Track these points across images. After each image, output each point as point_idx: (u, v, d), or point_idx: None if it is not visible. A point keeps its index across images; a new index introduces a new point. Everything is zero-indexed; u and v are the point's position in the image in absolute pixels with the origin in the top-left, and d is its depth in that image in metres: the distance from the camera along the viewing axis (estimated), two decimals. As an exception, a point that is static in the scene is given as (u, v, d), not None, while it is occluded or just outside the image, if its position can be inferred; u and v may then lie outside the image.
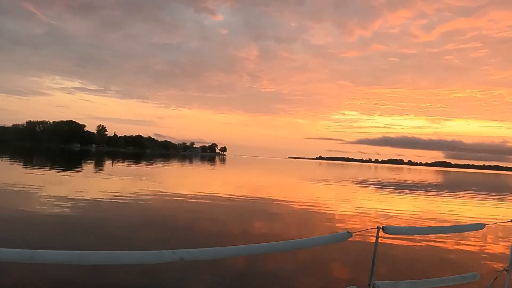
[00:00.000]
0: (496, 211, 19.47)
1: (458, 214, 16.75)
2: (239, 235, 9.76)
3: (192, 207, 14.06)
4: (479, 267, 7.77)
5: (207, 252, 1.97)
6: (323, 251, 7.89)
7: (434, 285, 2.97)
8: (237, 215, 12.76)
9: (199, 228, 10.32)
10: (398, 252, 8.56)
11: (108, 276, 5.81)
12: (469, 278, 3.14)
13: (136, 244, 8.19)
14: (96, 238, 8.53)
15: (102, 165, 42.83)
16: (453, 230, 5.30)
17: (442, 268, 7.57)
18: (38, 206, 11.91)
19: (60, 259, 1.66)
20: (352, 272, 7.00)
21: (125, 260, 1.79)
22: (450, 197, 25.74)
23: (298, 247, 2.29)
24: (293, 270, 6.80)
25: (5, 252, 1.59)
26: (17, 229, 8.86)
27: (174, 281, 5.96)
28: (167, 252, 1.81)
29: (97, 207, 12.60)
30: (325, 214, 14.16)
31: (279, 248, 2.36)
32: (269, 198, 18.30)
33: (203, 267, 6.35)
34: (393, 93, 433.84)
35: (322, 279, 6.47)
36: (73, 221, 10.12)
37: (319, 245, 2.53)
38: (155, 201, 14.85)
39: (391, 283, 2.79)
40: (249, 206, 15.14)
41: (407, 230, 4.38)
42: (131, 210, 12.54)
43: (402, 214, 15.48)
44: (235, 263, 6.80)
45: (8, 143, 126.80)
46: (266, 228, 10.98)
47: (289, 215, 13.61)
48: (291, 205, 16.17)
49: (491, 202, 24.23)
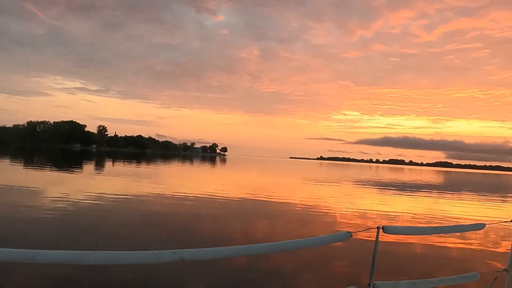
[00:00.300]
0: (496, 211, 19.46)
1: (458, 214, 16.74)
2: (238, 234, 9.75)
3: (190, 206, 14.07)
4: (479, 267, 7.77)
5: (207, 252, 1.97)
6: (323, 251, 7.90)
7: (434, 285, 2.97)
8: (235, 215, 12.75)
9: (198, 227, 10.32)
10: (398, 252, 8.56)
11: (110, 275, 5.82)
12: (469, 278, 3.14)
13: (136, 244, 8.19)
14: (96, 237, 8.54)
15: (101, 165, 42.85)
16: (453, 230, 5.30)
17: (442, 268, 7.57)
18: (37, 206, 11.92)
19: (60, 259, 1.67)
20: (352, 272, 7.00)
21: (125, 260, 1.79)
22: (450, 197, 25.73)
23: (298, 247, 2.29)
24: (293, 270, 6.80)
25: (5, 252, 1.59)
26: (18, 228, 8.87)
27: (175, 280, 5.96)
28: (167, 252, 1.81)
29: (95, 207, 12.60)
30: (325, 214, 14.16)
31: (279, 248, 2.36)
32: (268, 198, 18.30)
33: (203, 267, 6.36)
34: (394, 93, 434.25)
35: (322, 279, 6.48)
36: (73, 220, 10.13)
37: (319, 245, 2.53)
38: (154, 201, 14.85)
39: (391, 283, 2.79)
40: (249, 206, 15.14)
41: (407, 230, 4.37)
42: (129, 209, 12.54)
43: (402, 214, 15.47)
44: (235, 263, 6.80)
45: (8, 144, 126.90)
46: (265, 227, 10.97)
47: (288, 215, 13.61)
48: (291, 205, 16.15)
49: (491, 202, 24.23)
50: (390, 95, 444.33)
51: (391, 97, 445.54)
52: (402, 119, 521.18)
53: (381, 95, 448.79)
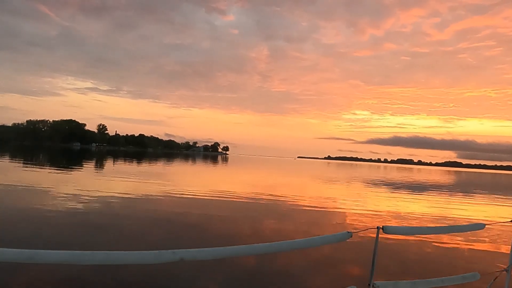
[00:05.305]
0: (497, 211, 19.46)
1: (459, 214, 16.74)
2: (237, 233, 9.75)
3: (188, 206, 14.07)
4: (479, 267, 7.77)
5: (207, 252, 1.97)
6: (323, 251, 7.90)
7: (434, 285, 2.97)
8: (235, 214, 12.75)
9: (197, 227, 10.32)
10: (398, 252, 8.56)
11: (112, 274, 5.82)
12: (469, 278, 3.14)
13: (136, 244, 8.20)
14: (92, 238, 8.55)
15: (100, 164, 42.85)
16: (453, 230, 5.30)
17: (442, 268, 7.57)
18: (36, 206, 11.93)
19: (60, 259, 1.66)
20: (352, 272, 7.00)
21: (124, 260, 1.79)
22: (452, 197, 25.72)
23: (298, 247, 2.29)
24: (292, 270, 6.80)
25: (4, 252, 1.59)
26: (20, 228, 8.89)
27: (175, 280, 5.96)
28: (167, 252, 1.81)
29: (89, 205, 12.61)
30: (325, 214, 14.16)
31: (278, 248, 2.36)
32: (267, 198, 18.30)
33: (203, 266, 6.36)
34: (405, 92, 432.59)
35: (322, 279, 6.47)
36: (71, 219, 10.14)
37: (319, 245, 2.53)
38: (152, 201, 14.86)
39: (391, 283, 2.79)
40: (248, 206, 15.13)
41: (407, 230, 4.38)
42: (127, 209, 12.55)
43: (403, 214, 15.47)
44: (235, 263, 6.79)
45: (7, 142, 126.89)
46: (265, 227, 10.97)
47: (288, 215, 13.60)
48: (290, 205, 16.16)
49: (493, 202, 24.22)
50: (401, 94, 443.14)
51: (402, 96, 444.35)
52: (413, 118, 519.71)
53: (392, 94, 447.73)
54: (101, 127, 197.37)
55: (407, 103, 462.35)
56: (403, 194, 25.99)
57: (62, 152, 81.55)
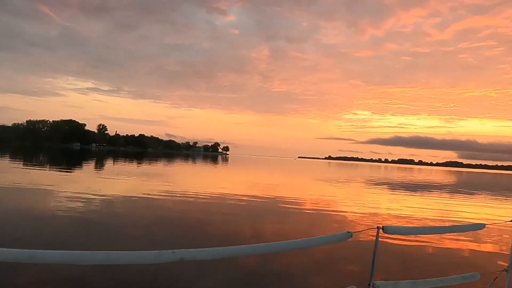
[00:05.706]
0: (497, 211, 19.46)
1: (459, 214, 16.74)
2: (238, 233, 9.75)
3: (188, 206, 14.07)
4: (479, 267, 7.77)
5: (207, 252, 1.97)
6: (323, 251, 7.89)
7: (434, 285, 2.96)
8: (235, 214, 12.75)
9: (197, 227, 10.32)
10: (398, 252, 8.55)
11: (112, 274, 5.82)
12: (469, 278, 3.14)
13: (136, 244, 8.19)
14: (91, 237, 8.54)
15: (100, 165, 42.84)
16: (453, 230, 5.30)
17: (442, 268, 7.57)
18: (36, 206, 11.93)
19: (59, 259, 1.66)
20: (352, 272, 7.00)
21: (124, 260, 1.79)
22: (452, 197, 25.72)
23: (298, 247, 2.29)
24: (292, 270, 6.79)
25: (4, 252, 1.59)
26: (20, 228, 8.89)
27: (176, 281, 5.96)
28: (166, 252, 1.81)
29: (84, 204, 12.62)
30: (326, 214, 14.15)
31: (278, 248, 2.36)
32: (267, 198, 18.30)
33: (203, 266, 6.36)
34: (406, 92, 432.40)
35: (322, 279, 6.47)
36: (71, 219, 10.14)
37: (318, 245, 2.52)
38: (151, 201, 14.86)
39: (391, 283, 2.79)
40: (248, 206, 15.13)
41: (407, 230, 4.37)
42: (127, 209, 12.55)
43: (403, 214, 15.47)
44: (235, 263, 6.79)
45: (7, 142, 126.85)
46: (265, 227, 10.97)
47: (288, 215, 13.60)
48: (291, 205, 16.16)
49: (493, 202, 24.21)
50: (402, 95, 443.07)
51: (403, 96, 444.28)
52: (413, 118, 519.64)
53: (393, 94, 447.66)
54: (101, 127, 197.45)
55: (408, 103, 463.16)
56: (403, 194, 25.99)
57: (62, 152, 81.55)
